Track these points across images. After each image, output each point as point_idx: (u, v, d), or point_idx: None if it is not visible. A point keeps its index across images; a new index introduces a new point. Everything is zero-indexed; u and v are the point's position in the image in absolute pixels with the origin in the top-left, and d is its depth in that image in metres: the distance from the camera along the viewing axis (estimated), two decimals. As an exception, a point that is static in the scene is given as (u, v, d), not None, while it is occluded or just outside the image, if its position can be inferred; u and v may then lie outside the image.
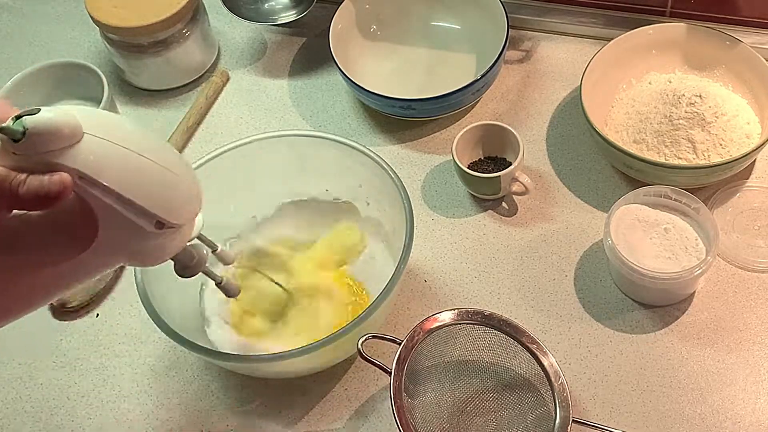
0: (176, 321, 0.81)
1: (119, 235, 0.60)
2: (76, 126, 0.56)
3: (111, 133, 0.58)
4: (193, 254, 0.71)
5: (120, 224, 0.59)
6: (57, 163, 0.55)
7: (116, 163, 0.58)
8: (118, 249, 0.62)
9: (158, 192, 0.60)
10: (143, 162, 0.59)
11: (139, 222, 0.60)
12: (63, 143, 0.55)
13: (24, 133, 0.54)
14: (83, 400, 0.90)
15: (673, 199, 0.88)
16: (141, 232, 0.60)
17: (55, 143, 0.55)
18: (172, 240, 0.64)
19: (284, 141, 0.91)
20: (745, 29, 1.06)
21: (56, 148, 0.55)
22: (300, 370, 0.86)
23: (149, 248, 0.63)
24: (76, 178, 0.56)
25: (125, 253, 0.63)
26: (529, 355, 0.80)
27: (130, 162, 0.58)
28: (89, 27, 1.15)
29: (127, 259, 0.64)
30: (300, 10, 1.14)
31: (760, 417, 0.82)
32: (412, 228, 0.82)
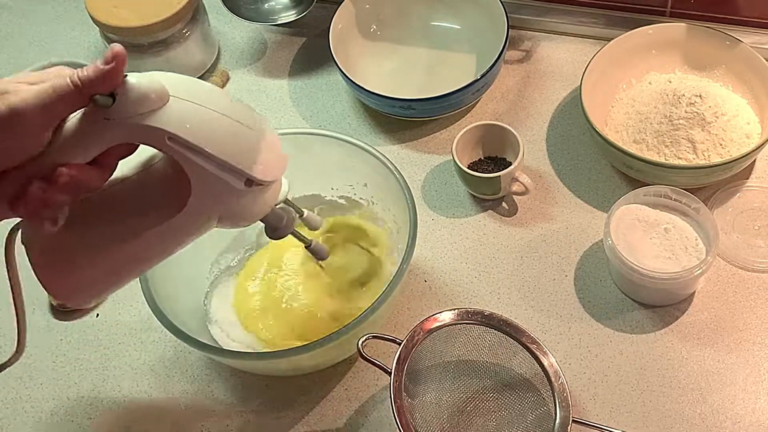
0: (180, 319, 0.81)
1: (211, 194, 0.62)
2: (162, 90, 0.58)
3: (196, 96, 0.60)
4: (282, 216, 0.72)
5: (211, 183, 0.61)
6: (146, 125, 0.57)
7: (203, 124, 0.60)
8: (211, 208, 0.63)
9: (245, 149, 0.62)
10: (228, 122, 0.61)
11: (229, 179, 0.61)
12: (151, 106, 0.57)
13: (113, 100, 0.57)
14: (83, 400, 0.90)
15: (673, 199, 0.88)
16: (231, 190, 0.62)
17: (143, 107, 0.57)
18: (261, 199, 0.66)
19: (288, 139, 0.91)
20: (745, 29, 1.06)
21: (144, 111, 0.57)
22: (301, 368, 0.86)
23: (240, 208, 0.65)
24: (166, 140, 0.58)
25: (217, 213, 0.64)
26: (529, 355, 0.80)
27: (216, 122, 0.60)
28: (89, 27, 1.15)
29: (219, 220, 0.65)
30: (300, 10, 1.14)
31: (760, 417, 0.82)
32: (415, 227, 0.82)
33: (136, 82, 0.58)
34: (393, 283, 0.79)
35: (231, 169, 0.61)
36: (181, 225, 0.63)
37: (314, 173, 0.94)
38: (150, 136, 0.58)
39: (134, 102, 0.57)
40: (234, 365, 0.86)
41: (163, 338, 0.93)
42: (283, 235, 0.74)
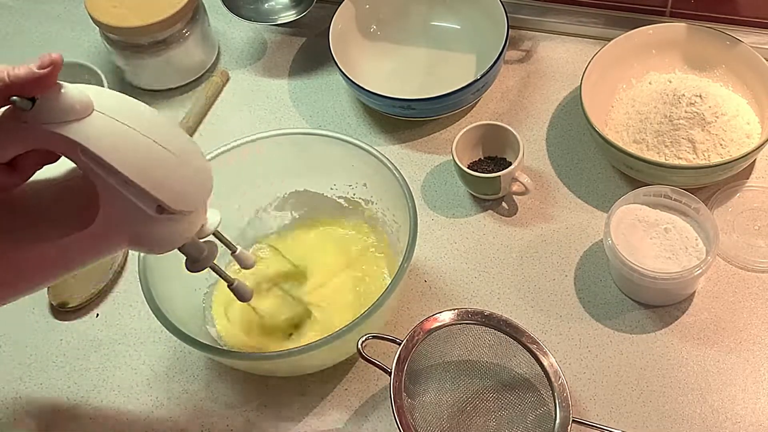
0: (180, 319, 0.81)
1: (120, 215, 0.60)
2: (86, 102, 0.57)
3: (121, 114, 0.59)
4: (202, 248, 0.70)
5: (121, 204, 0.59)
6: (60, 134, 0.56)
7: (120, 143, 0.58)
8: (119, 230, 0.62)
9: (161, 175, 0.60)
10: (149, 144, 0.59)
11: (140, 204, 0.60)
12: (70, 116, 0.56)
13: (33, 104, 0.55)
14: (83, 400, 0.90)
15: (673, 199, 0.88)
16: (142, 215, 0.60)
17: (63, 116, 0.56)
18: (177, 229, 0.64)
19: (289, 139, 0.91)
20: (745, 29, 1.06)
21: (63, 120, 0.56)
22: (301, 368, 0.86)
23: (152, 234, 0.63)
24: (79, 152, 0.57)
25: (127, 235, 0.62)
26: (529, 355, 0.80)
27: (134, 143, 0.59)
28: (89, 27, 1.15)
29: (129, 243, 0.63)
30: (300, 10, 1.14)
31: (760, 417, 0.82)
32: (415, 226, 0.82)
33: (61, 91, 0.56)
34: (394, 283, 0.79)
35: (141, 192, 0.59)
36: (86, 241, 0.61)
37: (314, 173, 0.94)
38: (64, 145, 0.57)
39: (54, 109, 0.56)
40: (233, 365, 0.86)
41: (163, 338, 0.93)
42: (202, 269, 0.72)
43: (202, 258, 0.71)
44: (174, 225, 0.63)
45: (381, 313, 0.79)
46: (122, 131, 0.58)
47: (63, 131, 0.56)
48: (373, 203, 0.93)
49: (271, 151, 0.91)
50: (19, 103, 0.55)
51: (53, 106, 0.56)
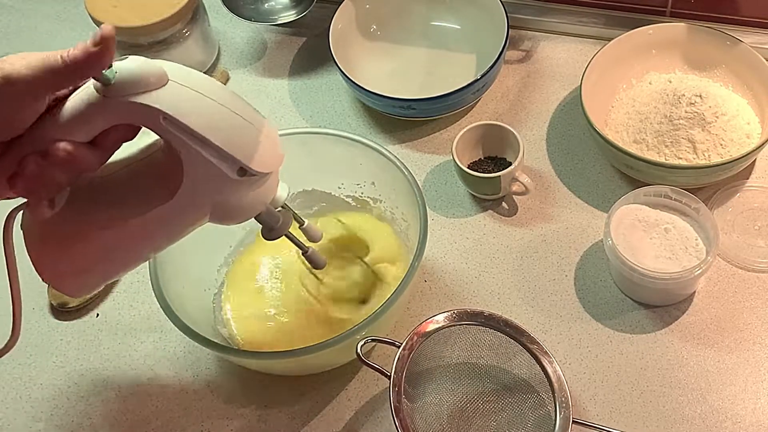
0: (191, 318, 0.82)
1: (203, 180, 0.62)
2: (160, 73, 0.59)
3: (196, 84, 0.61)
4: (278, 216, 0.72)
5: (203, 169, 0.61)
6: (141, 104, 0.59)
7: (198, 108, 0.60)
8: (203, 197, 0.64)
9: (238, 138, 0.62)
10: (225, 111, 0.62)
11: (222, 167, 0.62)
12: (148, 87, 0.59)
13: (114, 78, 0.58)
14: (83, 400, 0.90)
15: (673, 199, 0.88)
16: (224, 178, 0.62)
17: (141, 86, 0.58)
18: (255, 194, 0.66)
19: (296, 138, 0.91)
20: (745, 29, 1.06)
21: (142, 90, 0.58)
22: (309, 367, 0.86)
23: (233, 199, 0.65)
24: (161, 120, 0.59)
25: (209, 202, 0.64)
26: (529, 356, 0.80)
27: (211, 108, 0.61)
28: (89, 27, 1.15)
29: (212, 213, 0.65)
30: (300, 10, 1.14)
31: (761, 417, 0.82)
32: (425, 223, 0.82)
33: (135, 64, 0.59)
34: (405, 281, 0.79)
35: (224, 155, 0.61)
36: (171, 212, 0.63)
37: (321, 172, 0.94)
38: (145, 115, 0.59)
39: (133, 81, 0.58)
40: (244, 364, 0.86)
41: (163, 339, 0.93)
42: (279, 236, 0.74)
43: (278, 226, 0.73)
44: (253, 189, 0.65)
45: (392, 312, 0.79)
46: (199, 98, 0.61)
47: (144, 100, 0.58)
48: (382, 201, 0.93)
49: None
50: (101, 78, 0.58)
51: (132, 78, 0.58)
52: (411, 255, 0.82)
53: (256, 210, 0.69)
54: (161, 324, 0.94)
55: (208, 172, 0.62)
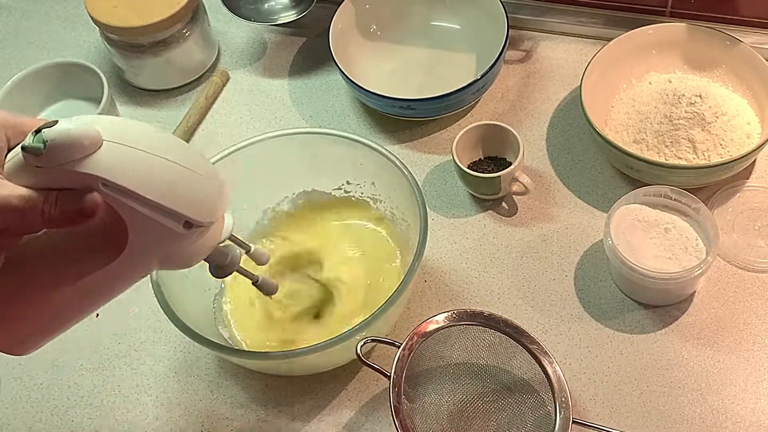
0: (191, 319, 0.82)
1: (149, 239, 0.61)
2: (94, 134, 0.57)
3: (130, 139, 0.59)
4: (226, 254, 0.71)
5: (149, 228, 0.60)
6: (79, 172, 0.56)
7: (138, 167, 0.58)
8: (149, 253, 0.62)
9: (183, 192, 0.60)
10: (165, 164, 0.59)
11: (168, 223, 0.60)
12: (83, 152, 0.56)
13: (45, 147, 0.55)
14: (83, 400, 0.90)
15: (673, 199, 0.88)
16: (170, 233, 0.61)
17: (76, 153, 0.56)
18: (203, 240, 0.64)
19: (296, 138, 0.91)
20: (745, 29, 1.06)
21: (77, 157, 0.56)
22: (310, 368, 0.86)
23: (181, 250, 0.63)
24: (100, 186, 0.57)
25: (157, 257, 0.63)
26: (529, 356, 0.80)
27: (152, 165, 0.59)
28: (89, 27, 1.16)
29: (160, 264, 0.64)
30: (300, 10, 1.14)
31: (761, 417, 0.82)
32: (425, 223, 0.82)
33: (67, 128, 0.56)
34: (405, 281, 0.79)
35: (168, 212, 0.59)
36: (120, 270, 0.62)
37: (321, 172, 0.94)
38: (83, 181, 0.57)
39: (65, 149, 0.56)
40: (246, 365, 0.86)
41: (163, 339, 0.93)
42: (229, 273, 0.72)
43: (227, 263, 0.71)
44: (201, 237, 0.64)
45: (392, 312, 0.79)
46: (136, 156, 0.58)
47: (80, 168, 0.56)
48: (382, 201, 0.93)
49: (278, 150, 0.91)
50: (31, 149, 0.55)
51: (64, 145, 0.55)
52: (411, 255, 0.82)
53: (206, 253, 0.67)
54: (161, 324, 0.94)
55: (154, 229, 0.60)
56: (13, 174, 0.57)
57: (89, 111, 1.07)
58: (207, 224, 0.63)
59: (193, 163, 0.61)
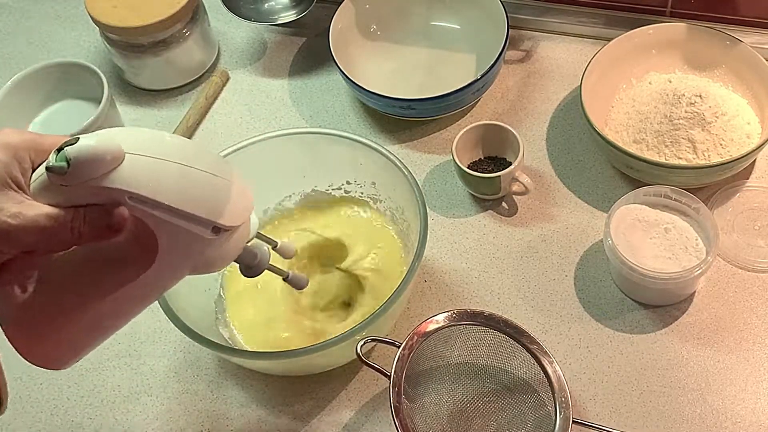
0: (191, 319, 0.81)
1: (179, 247, 0.61)
2: (117, 149, 0.57)
3: (151, 149, 0.59)
4: (255, 253, 0.71)
5: (178, 236, 0.60)
6: (104, 187, 0.56)
7: (162, 177, 0.58)
8: (181, 261, 0.62)
9: (209, 197, 0.60)
10: (189, 171, 0.60)
11: (196, 230, 0.60)
12: (107, 168, 0.56)
13: (68, 165, 0.55)
14: (83, 400, 0.90)
15: (673, 199, 0.88)
16: (200, 240, 0.61)
17: (100, 169, 0.56)
18: (231, 243, 0.65)
19: (296, 138, 0.91)
20: (745, 29, 1.06)
21: (101, 173, 0.56)
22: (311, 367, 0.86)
23: (211, 254, 0.63)
24: (126, 199, 0.57)
25: (189, 264, 0.63)
26: (529, 356, 0.80)
27: (175, 173, 0.59)
28: (89, 27, 1.16)
29: (191, 269, 0.64)
30: (300, 10, 1.14)
31: (761, 417, 0.82)
32: (426, 223, 0.82)
33: (89, 145, 0.56)
34: (406, 280, 0.79)
35: (196, 219, 0.60)
36: (153, 279, 0.62)
37: (322, 172, 0.94)
38: (110, 196, 0.57)
39: (89, 166, 0.56)
40: (245, 365, 0.86)
41: (163, 339, 0.93)
42: (259, 272, 0.72)
43: (256, 263, 0.71)
44: (229, 241, 0.64)
45: (392, 312, 0.79)
46: (159, 166, 0.58)
47: (105, 183, 0.56)
48: (382, 202, 0.94)
49: (278, 150, 0.91)
50: (55, 169, 0.56)
51: (87, 162, 0.56)
52: (411, 255, 0.82)
53: (236, 255, 0.67)
54: (161, 324, 0.94)
55: (183, 237, 0.60)
56: (40, 193, 0.57)
57: (89, 111, 1.07)
58: (235, 227, 0.63)
59: (215, 168, 0.62)
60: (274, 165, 0.92)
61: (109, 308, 0.63)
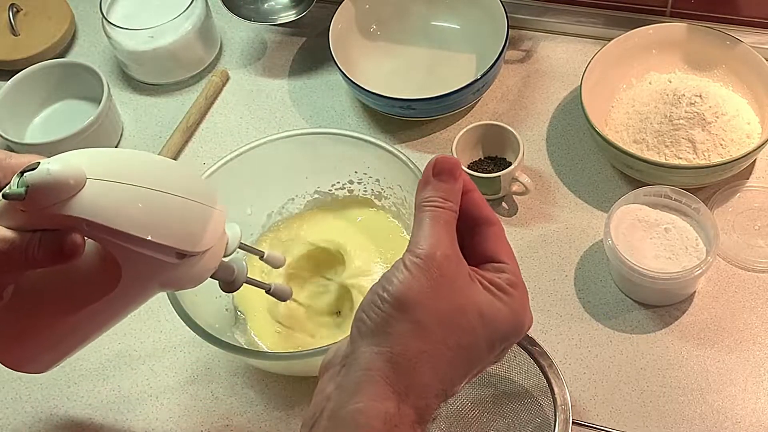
0: (207, 323, 0.81)
1: (143, 270, 0.60)
2: (77, 175, 0.55)
3: (115, 172, 0.57)
4: (232, 268, 0.69)
5: (141, 261, 0.59)
6: (61, 214, 0.55)
7: (122, 204, 0.57)
8: (145, 283, 0.61)
9: (172, 224, 0.59)
10: (152, 195, 0.58)
11: (159, 256, 0.59)
12: (66, 195, 0.55)
13: (26, 192, 0.54)
14: (83, 400, 0.90)
15: (673, 199, 0.88)
16: (164, 264, 0.59)
17: (58, 196, 0.55)
18: (202, 263, 0.63)
19: (298, 140, 0.91)
20: (745, 29, 1.06)
21: (60, 200, 0.55)
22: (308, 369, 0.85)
23: (179, 276, 0.62)
24: (84, 226, 0.56)
25: (155, 285, 0.62)
26: (529, 357, 0.80)
27: (137, 199, 0.57)
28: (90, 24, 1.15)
29: (161, 288, 0.63)
30: (300, 10, 1.14)
31: (761, 417, 0.82)
32: None
33: (48, 172, 0.54)
34: None
35: (157, 246, 0.58)
36: (119, 299, 0.61)
37: (325, 172, 0.94)
38: (68, 223, 0.56)
39: (46, 193, 0.55)
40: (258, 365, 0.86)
41: (163, 339, 0.93)
42: (238, 287, 0.71)
43: (233, 279, 0.70)
44: (198, 263, 0.62)
45: None
46: (120, 191, 0.57)
47: (63, 211, 0.55)
48: (387, 198, 0.93)
49: (279, 153, 0.91)
50: (12, 195, 0.55)
51: (45, 191, 0.55)
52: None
53: (208, 275, 0.65)
54: (161, 324, 0.94)
55: (146, 262, 0.59)
56: (1, 216, 0.57)
57: (89, 111, 1.07)
58: (200, 252, 0.61)
59: (183, 188, 0.60)
60: (275, 168, 0.92)
61: (79, 322, 0.63)
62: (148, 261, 0.59)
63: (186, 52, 1.12)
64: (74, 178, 0.55)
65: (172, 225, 0.59)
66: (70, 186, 0.55)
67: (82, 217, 0.55)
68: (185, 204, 0.59)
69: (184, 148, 1.09)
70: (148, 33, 1.09)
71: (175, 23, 1.09)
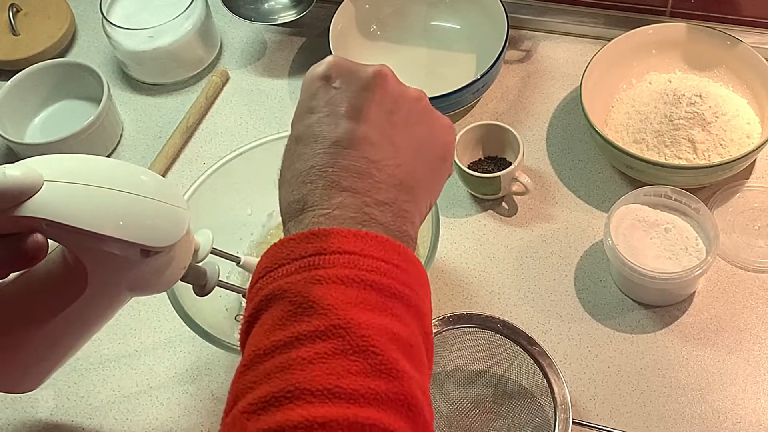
0: (205, 320, 0.81)
1: (108, 269, 0.60)
2: (33, 177, 0.56)
3: (74, 174, 0.58)
4: (203, 272, 0.69)
5: (105, 259, 0.59)
6: (21, 216, 0.56)
7: (80, 202, 0.57)
8: (113, 283, 0.62)
9: (133, 220, 0.59)
10: (111, 194, 0.58)
11: (122, 253, 0.59)
12: (22, 197, 0.56)
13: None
14: (83, 400, 0.90)
15: (673, 199, 0.88)
16: (129, 262, 0.60)
17: (14, 199, 0.56)
18: (170, 264, 0.63)
19: None
20: (745, 29, 1.06)
21: (17, 202, 0.56)
22: None
23: (146, 277, 0.62)
24: (44, 226, 0.56)
25: (124, 286, 0.63)
26: (529, 357, 0.80)
27: (95, 197, 0.58)
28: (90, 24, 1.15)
29: (129, 291, 0.64)
30: (300, 9, 1.14)
31: (761, 417, 0.82)
32: (437, 220, 0.82)
33: (5, 174, 0.55)
34: None
35: (118, 243, 0.58)
36: (91, 301, 0.62)
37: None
38: (27, 224, 0.57)
39: (4, 195, 0.55)
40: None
41: (162, 339, 0.93)
42: (209, 291, 0.71)
43: (205, 283, 0.70)
44: (165, 262, 0.63)
45: None
46: (77, 191, 0.58)
47: (20, 212, 0.56)
48: None
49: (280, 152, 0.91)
50: None
51: (3, 193, 0.55)
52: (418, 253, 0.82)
53: (178, 276, 0.66)
54: (161, 324, 0.94)
55: (111, 261, 0.59)
56: None
57: (89, 111, 1.07)
58: (165, 249, 0.62)
59: (142, 189, 0.60)
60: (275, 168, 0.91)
61: (58, 329, 0.63)
62: (113, 259, 0.60)
63: (186, 52, 1.12)
64: (31, 180, 0.56)
65: (132, 221, 0.59)
66: (26, 189, 0.56)
67: (40, 217, 0.56)
68: (146, 201, 0.60)
69: (184, 148, 1.09)
70: (148, 33, 1.09)
71: (175, 23, 1.09)
